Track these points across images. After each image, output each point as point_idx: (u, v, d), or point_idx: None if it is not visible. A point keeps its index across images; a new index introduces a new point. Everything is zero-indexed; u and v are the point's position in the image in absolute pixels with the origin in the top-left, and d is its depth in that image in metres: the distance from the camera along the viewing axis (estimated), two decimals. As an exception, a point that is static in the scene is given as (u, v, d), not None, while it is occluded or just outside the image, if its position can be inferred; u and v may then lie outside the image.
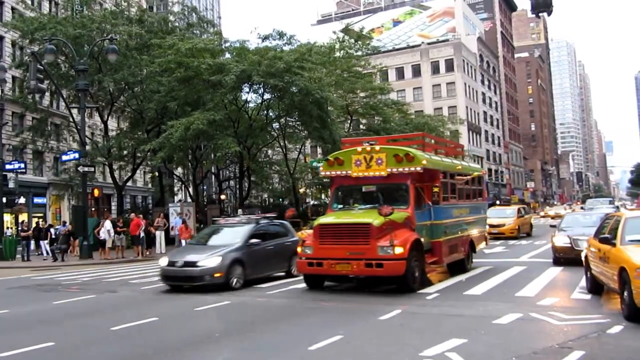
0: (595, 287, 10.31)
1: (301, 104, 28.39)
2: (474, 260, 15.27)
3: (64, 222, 29.98)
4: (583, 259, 11.14)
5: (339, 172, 12.66)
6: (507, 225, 26.63)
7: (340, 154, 12.98)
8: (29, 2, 38.88)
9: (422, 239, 11.67)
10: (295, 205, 38.16)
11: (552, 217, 49.43)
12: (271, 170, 41.97)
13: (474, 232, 15.29)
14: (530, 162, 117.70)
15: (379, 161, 12.04)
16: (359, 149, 12.44)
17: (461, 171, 14.76)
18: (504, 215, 27.78)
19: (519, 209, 29.65)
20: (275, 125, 35.59)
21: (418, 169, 11.79)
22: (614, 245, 8.71)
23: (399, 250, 10.54)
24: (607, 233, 9.49)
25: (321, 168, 13.88)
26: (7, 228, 29.13)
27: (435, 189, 12.31)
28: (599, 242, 9.39)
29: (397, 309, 9.18)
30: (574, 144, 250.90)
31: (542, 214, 65.93)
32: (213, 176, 44.73)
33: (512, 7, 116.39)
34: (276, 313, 9.69)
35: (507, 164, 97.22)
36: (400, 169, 11.86)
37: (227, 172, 47.08)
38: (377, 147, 12.17)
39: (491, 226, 18.07)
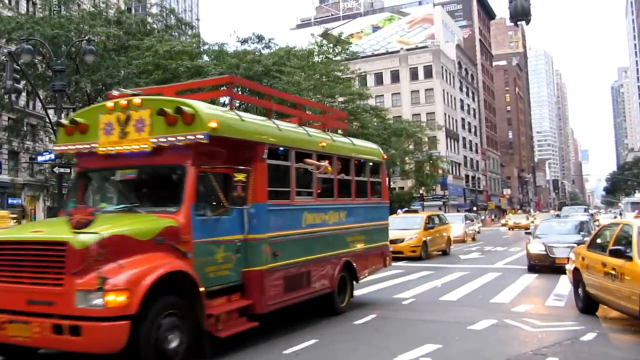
0: (590, 306, 9.03)
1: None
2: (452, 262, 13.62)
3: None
4: (569, 271, 9.89)
5: (79, 146, 7.33)
6: (407, 241, 19.96)
7: (84, 113, 7.83)
8: (6, 2, 38.76)
9: (212, 269, 6.75)
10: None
11: (511, 228, 46.89)
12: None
13: (356, 249, 10.05)
14: (507, 169, 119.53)
15: (140, 124, 6.87)
16: (110, 103, 7.21)
17: (325, 150, 9.30)
18: (407, 226, 20.68)
19: (428, 218, 22.30)
20: (254, 128, 35.84)
21: (200, 136, 6.60)
22: (629, 259, 7.37)
23: (115, 298, 5.40)
24: (612, 245, 8.05)
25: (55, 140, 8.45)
26: (-20, 229, 28.98)
27: (239, 177, 7.07)
28: (610, 255, 7.86)
29: (373, 314, 9.24)
30: (551, 152, 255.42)
31: (502, 222, 63.95)
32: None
33: (491, 15, 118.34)
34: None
35: (484, 171, 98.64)
36: (172, 138, 6.69)
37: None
38: (138, 100, 6.98)
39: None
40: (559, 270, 13.17)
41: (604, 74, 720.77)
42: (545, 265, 14.63)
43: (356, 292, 11.48)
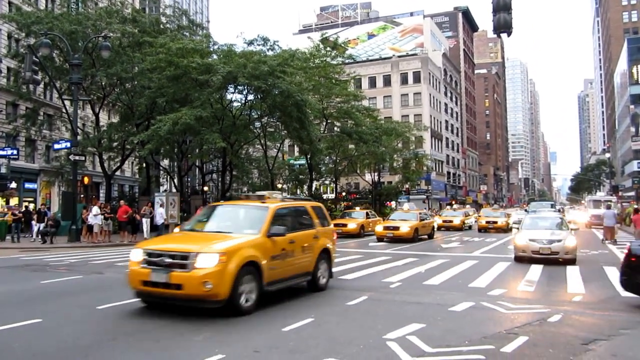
0: None
1: (282, 105, 27.89)
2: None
3: (48, 208, 29.14)
4: None
5: None
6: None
7: None
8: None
9: None
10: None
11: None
12: (252, 165, 41.38)
13: None
14: (485, 167, 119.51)
15: None
16: None
17: None
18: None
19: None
20: (257, 124, 35.04)
21: None
22: None
23: None
24: None
25: None
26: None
27: None
28: None
29: (364, 296, 9.18)
30: (523, 153, 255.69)
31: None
32: (197, 169, 43.85)
33: (474, 28, 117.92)
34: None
35: (464, 169, 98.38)
36: None
37: (211, 166, 46.27)
38: None
39: None
40: None
41: (572, 84, 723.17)
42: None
43: (348, 276, 11.61)
